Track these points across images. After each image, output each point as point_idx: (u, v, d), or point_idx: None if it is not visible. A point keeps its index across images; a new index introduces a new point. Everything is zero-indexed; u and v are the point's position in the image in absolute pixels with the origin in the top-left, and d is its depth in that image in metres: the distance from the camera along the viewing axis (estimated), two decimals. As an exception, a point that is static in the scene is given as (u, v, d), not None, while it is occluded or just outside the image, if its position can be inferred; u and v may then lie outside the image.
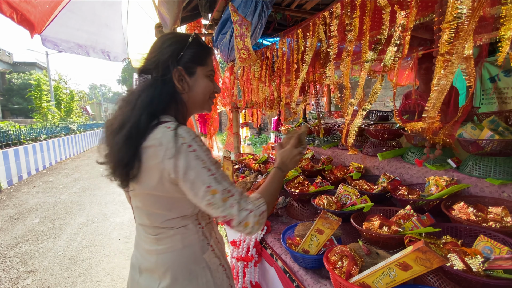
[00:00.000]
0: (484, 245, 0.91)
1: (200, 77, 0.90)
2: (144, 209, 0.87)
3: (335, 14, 1.26)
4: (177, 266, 0.87)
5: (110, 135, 0.83)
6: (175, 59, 0.86)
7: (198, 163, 0.76)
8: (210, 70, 0.93)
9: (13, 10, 2.01)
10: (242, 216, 0.79)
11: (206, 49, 0.93)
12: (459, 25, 0.73)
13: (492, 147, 1.24)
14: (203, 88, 0.91)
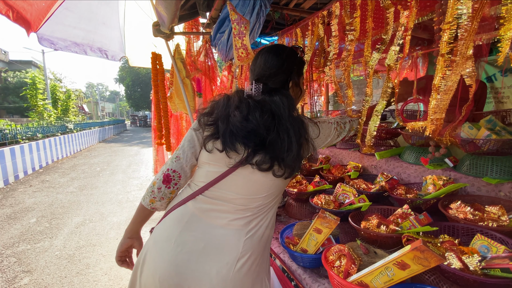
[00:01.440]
0: (481, 244, 0.92)
1: (300, 85, 1.06)
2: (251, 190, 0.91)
3: (334, 14, 1.26)
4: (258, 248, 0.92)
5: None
6: (290, 73, 1.00)
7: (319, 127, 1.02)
8: (303, 78, 1.10)
9: (9, 8, 1.98)
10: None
11: (302, 59, 1.07)
12: (461, 25, 0.73)
13: (489, 147, 1.25)
14: (301, 94, 1.07)
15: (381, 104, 1.09)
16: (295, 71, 1.00)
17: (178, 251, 0.86)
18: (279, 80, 0.97)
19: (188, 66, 2.84)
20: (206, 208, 0.91)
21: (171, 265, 0.85)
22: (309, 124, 0.98)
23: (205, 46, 2.97)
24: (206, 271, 0.84)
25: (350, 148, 2.15)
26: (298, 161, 0.90)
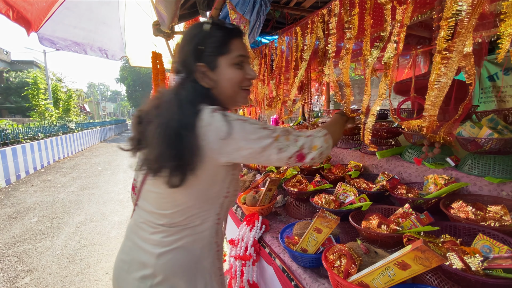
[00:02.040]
0: (483, 244, 0.91)
1: (224, 67, 0.81)
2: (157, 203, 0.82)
3: (333, 12, 1.25)
4: (180, 265, 0.82)
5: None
6: (195, 56, 0.80)
7: (244, 130, 0.73)
8: (238, 56, 0.81)
9: (9, 8, 1.98)
10: (308, 141, 0.80)
11: (227, 33, 0.81)
12: (459, 22, 0.72)
13: (491, 146, 1.24)
14: (228, 80, 0.81)
15: (377, 103, 1.07)
16: (199, 51, 0.79)
17: (119, 257, 0.90)
18: (184, 67, 0.82)
19: (188, 65, 2.83)
20: (137, 216, 0.89)
21: (114, 270, 0.90)
22: (211, 120, 0.72)
23: (205, 45, 2.96)
24: (130, 283, 0.83)
25: (350, 147, 2.14)
26: (169, 160, 0.71)
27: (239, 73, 0.82)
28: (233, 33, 0.82)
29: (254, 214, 1.51)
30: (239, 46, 0.82)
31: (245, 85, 0.85)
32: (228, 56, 0.80)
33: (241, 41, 0.84)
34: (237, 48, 0.82)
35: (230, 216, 1.99)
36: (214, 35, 0.80)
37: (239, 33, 0.84)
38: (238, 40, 0.83)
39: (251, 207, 1.54)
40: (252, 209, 1.53)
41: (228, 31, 0.82)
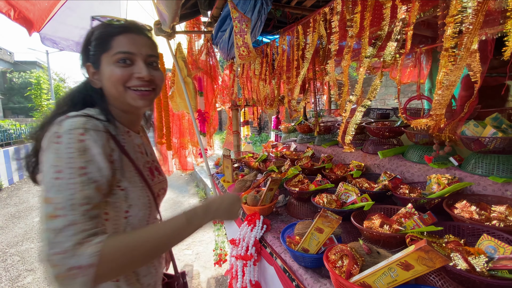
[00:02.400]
0: (488, 245, 0.90)
1: (105, 66, 0.76)
2: None
3: (336, 10, 1.24)
4: None
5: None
6: (85, 56, 0.80)
7: (52, 158, 0.61)
8: (117, 53, 0.75)
9: (11, 7, 1.99)
10: (52, 250, 0.54)
11: (109, 30, 0.77)
12: (465, 19, 0.71)
13: (495, 145, 1.22)
14: (108, 79, 0.76)
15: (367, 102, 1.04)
16: (87, 51, 0.78)
17: None
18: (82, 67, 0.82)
19: (189, 65, 2.84)
20: None
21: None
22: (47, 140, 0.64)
23: (206, 45, 2.96)
24: None
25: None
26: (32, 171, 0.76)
27: (121, 71, 0.75)
28: (115, 29, 0.77)
29: (255, 214, 1.50)
30: (123, 42, 0.76)
31: (132, 84, 0.77)
32: (109, 53, 0.75)
33: (128, 37, 0.77)
34: (120, 44, 0.75)
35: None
36: (96, 33, 0.77)
37: (124, 29, 0.77)
38: (122, 36, 0.76)
39: (252, 207, 1.54)
40: (253, 209, 1.53)
41: (110, 27, 0.77)
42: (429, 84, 2.88)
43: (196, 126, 2.55)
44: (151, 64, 0.81)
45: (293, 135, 3.35)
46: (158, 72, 0.83)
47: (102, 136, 0.70)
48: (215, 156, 5.00)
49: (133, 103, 0.79)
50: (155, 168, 0.93)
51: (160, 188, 0.92)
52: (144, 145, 0.94)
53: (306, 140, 2.82)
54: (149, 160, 0.91)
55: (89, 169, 0.64)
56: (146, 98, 0.80)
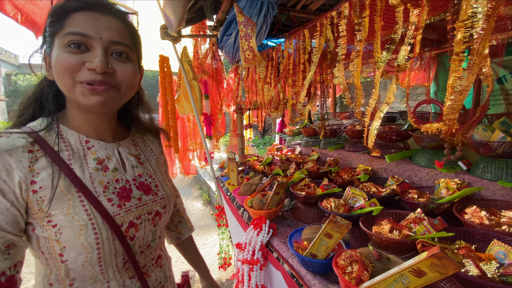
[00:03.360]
0: (498, 250, 0.89)
1: (54, 50, 0.59)
2: None
3: (343, 14, 1.24)
4: None
5: None
6: (43, 40, 0.65)
7: None
8: (67, 34, 0.57)
9: (18, 11, 2.02)
10: None
11: (65, 3, 0.60)
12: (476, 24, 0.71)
13: (504, 149, 1.21)
14: (55, 67, 0.59)
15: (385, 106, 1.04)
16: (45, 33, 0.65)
17: None
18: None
19: (195, 68, 2.85)
20: None
21: None
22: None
23: (212, 48, 2.98)
24: None
25: (359, 150, 2.12)
26: None
27: (69, 58, 0.57)
28: (73, 3, 0.60)
29: (261, 218, 1.50)
30: (79, 21, 0.58)
31: (81, 77, 0.58)
32: (60, 34, 0.59)
33: (86, 16, 0.59)
34: (74, 23, 0.58)
35: (237, 219, 1.98)
36: (52, 8, 0.61)
37: (84, 5, 0.59)
38: (80, 14, 0.59)
39: (258, 211, 1.53)
40: (259, 213, 1.52)
41: (68, 2, 0.60)
42: (434, 87, 2.88)
43: (202, 129, 2.56)
44: (117, 54, 0.63)
45: (297, 138, 3.35)
46: (125, 65, 0.63)
47: (15, 160, 0.55)
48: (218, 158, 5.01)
49: (83, 101, 0.60)
50: (140, 187, 0.73)
51: (142, 213, 0.71)
52: (125, 157, 0.75)
53: (311, 143, 2.81)
54: (123, 178, 0.71)
55: None
56: (100, 94, 0.60)
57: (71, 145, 0.65)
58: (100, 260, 0.62)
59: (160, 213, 0.76)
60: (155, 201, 0.75)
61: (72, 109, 0.67)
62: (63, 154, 0.63)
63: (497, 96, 3.07)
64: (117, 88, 0.63)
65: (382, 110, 0.95)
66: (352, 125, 2.30)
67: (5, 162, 0.54)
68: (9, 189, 0.55)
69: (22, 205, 0.57)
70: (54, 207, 0.59)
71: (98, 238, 0.61)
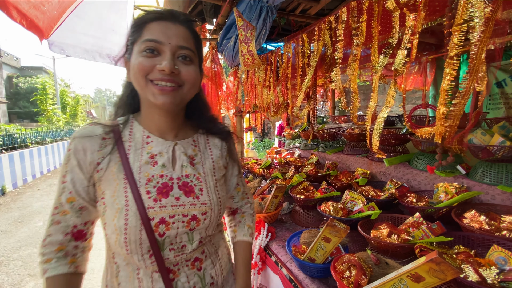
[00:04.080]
0: (498, 256, 0.88)
1: (134, 56, 0.69)
2: None
3: (341, 19, 1.25)
4: None
5: None
6: (125, 48, 0.75)
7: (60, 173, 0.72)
8: (144, 41, 0.67)
9: (23, 17, 2.04)
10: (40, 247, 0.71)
11: (143, 16, 0.71)
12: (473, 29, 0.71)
13: (503, 154, 1.21)
14: (132, 69, 0.69)
15: (384, 110, 1.05)
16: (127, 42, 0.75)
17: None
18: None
19: (194, 71, 2.85)
20: None
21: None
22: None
23: (211, 52, 2.99)
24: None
25: (357, 154, 2.12)
26: None
27: (145, 61, 0.67)
28: (149, 15, 0.70)
29: (260, 221, 1.49)
30: (153, 30, 0.69)
31: (154, 77, 0.67)
32: (139, 41, 0.69)
33: (160, 25, 0.69)
34: (149, 32, 0.68)
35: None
36: (132, 20, 0.73)
37: (158, 16, 0.70)
38: (155, 24, 0.69)
39: (256, 214, 1.53)
40: (258, 216, 1.52)
41: (145, 14, 0.71)
42: (433, 91, 2.88)
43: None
44: (182, 58, 0.70)
45: (297, 141, 3.35)
46: (188, 67, 0.71)
47: (91, 143, 0.70)
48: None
49: (153, 99, 0.69)
50: (182, 187, 0.75)
51: (176, 213, 0.72)
52: (178, 156, 0.77)
53: (310, 147, 2.81)
54: (168, 174, 0.74)
55: (66, 179, 0.70)
56: (168, 95, 0.68)
57: (135, 139, 0.75)
58: (126, 244, 0.68)
59: (198, 218, 0.74)
60: (194, 204, 0.74)
61: (144, 108, 0.77)
62: (125, 145, 0.73)
63: (497, 100, 3.08)
64: (181, 86, 0.71)
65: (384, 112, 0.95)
66: (350, 128, 2.30)
67: (84, 144, 0.69)
68: (85, 165, 0.69)
69: (91, 180, 0.71)
70: (106, 188, 0.70)
71: (126, 225, 0.67)
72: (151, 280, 0.71)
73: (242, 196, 0.97)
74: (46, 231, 0.71)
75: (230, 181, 0.92)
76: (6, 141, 7.77)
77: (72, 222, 0.71)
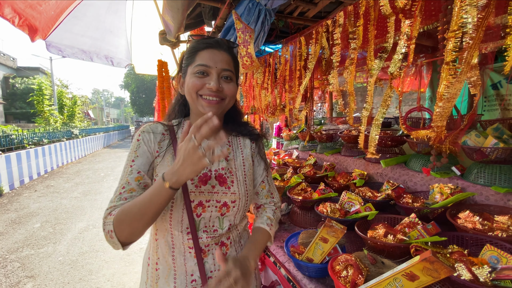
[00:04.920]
0: (491, 255, 0.90)
1: (188, 76, 0.89)
2: None
3: (338, 23, 1.27)
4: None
5: None
6: (180, 67, 0.96)
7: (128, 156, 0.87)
8: (197, 65, 0.87)
9: (16, 14, 2.04)
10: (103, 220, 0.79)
11: (194, 45, 0.91)
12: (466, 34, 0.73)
13: (496, 155, 1.24)
14: (187, 86, 0.89)
15: (380, 113, 1.07)
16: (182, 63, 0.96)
17: None
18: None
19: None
20: None
21: None
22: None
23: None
24: None
25: (355, 155, 2.14)
26: None
27: (197, 81, 0.86)
28: (201, 45, 0.90)
29: (259, 222, 1.51)
30: (204, 56, 0.88)
31: (203, 93, 0.87)
32: (192, 65, 0.88)
33: (209, 52, 0.89)
34: (201, 58, 0.88)
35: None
36: (188, 48, 0.93)
37: (207, 45, 0.90)
38: (205, 51, 0.89)
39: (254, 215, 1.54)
40: (257, 217, 1.53)
41: (198, 43, 0.91)
42: (429, 92, 2.92)
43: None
44: (225, 78, 0.89)
45: (295, 142, 3.37)
46: (229, 84, 0.90)
47: (154, 137, 0.89)
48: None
49: (202, 110, 0.88)
50: (218, 177, 0.90)
51: (211, 198, 0.87)
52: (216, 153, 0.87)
53: (308, 148, 2.83)
54: (208, 167, 0.90)
55: (135, 162, 0.84)
56: (213, 107, 0.88)
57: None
58: (170, 219, 0.85)
59: (228, 205, 0.90)
60: (225, 193, 0.90)
61: (193, 115, 0.96)
62: (178, 141, 0.85)
63: (493, 102, 3.12)
64: (224, 99, 0.90)
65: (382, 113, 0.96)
66: (348, 130, 2.32)
67: (150, 136, 0.88)
68: (150, 152, 0.86)
69: (152, 164, 0.86)
70: (160, 171, 0.85)
71: (173, 202, 0.84)
72: (183, 258, 0.86)
73: (267, 194, 1.07)
74: (112, 206, 0.79)
75: (256, 178, 1.04)
76: (3, 142, 7.72)
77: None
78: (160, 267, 0.89)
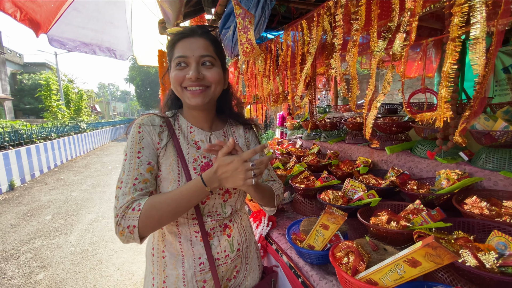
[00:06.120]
0: (499, 241, 0.87)
1: (171, 70, 0.89)
2: None
3: (340, 3, 1.21)
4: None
5: None
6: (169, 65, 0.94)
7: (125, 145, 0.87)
8: (176, 58, 0.86)
9: (17, 8, 2.03)
10: (113, 213, 0.77)
11: (171, 38, 0.90)
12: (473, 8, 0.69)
13: (506, 139, 1.19)
14: (172, 82, 0.89)
15: (380, 96, 1.02)
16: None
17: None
18: None
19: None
20: None
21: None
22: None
23: (211, 42, 2.95)
24: None
25: (359, 143, 2.10)
26: None
27: (179, 73, 0.86)
28: (176, 36, 0.89)
29: (261, 211, 1.50)
30: (180, 47, 0.87)
31: (187, 85, 0.86)
32: (173, 59, 0.88)
33: (185, 42, 0.87)
34: (178, 50, 0.87)
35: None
36: (167, 43, 0.93)
37: (182, 35, 0.88)
38: (182, 42, 0.87)
39: (257, 204, 1.53)
40: (259, 206, 1.52)
41: (174, 36, 0.90)
42: (438, 77, 2.82)
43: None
44: (205, 64, 0.87)
45: (298, 131, 3.33)
46: (211, 70, 0.87)
47: (153, 129, 0.88)
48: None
49: (188, 102, 0.88)
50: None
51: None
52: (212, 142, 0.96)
53: (312, 137, 2.80)
54: (208, 156, 0.93)
55: (143, 153, 0.83)
56: (198, 96, 0.86)
57: (182, 128, 0.95)
58: None
59: (230, 192, 0.94)
60: None
61: (185, 107, 0.98)
62: (176, 132, 0.92)
63: (504, 86, 3.01)
64: (209, 87, 0.88)
65: (378, 100, 0.93)
66: (352, 117, 2.28)
67: (149, 128, 0.88)
68: (153, 143, 0.87)
69: (156, 155, 0.87)
70: (162, 163, 0.87)
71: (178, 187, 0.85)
72: (190, 242, 0.88)
73: (267, 178, 1.09)
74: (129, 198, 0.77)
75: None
76: (13, 137, 7.88)
77: (151, 189, 0.84)
78: (167, 254, 0.90)
